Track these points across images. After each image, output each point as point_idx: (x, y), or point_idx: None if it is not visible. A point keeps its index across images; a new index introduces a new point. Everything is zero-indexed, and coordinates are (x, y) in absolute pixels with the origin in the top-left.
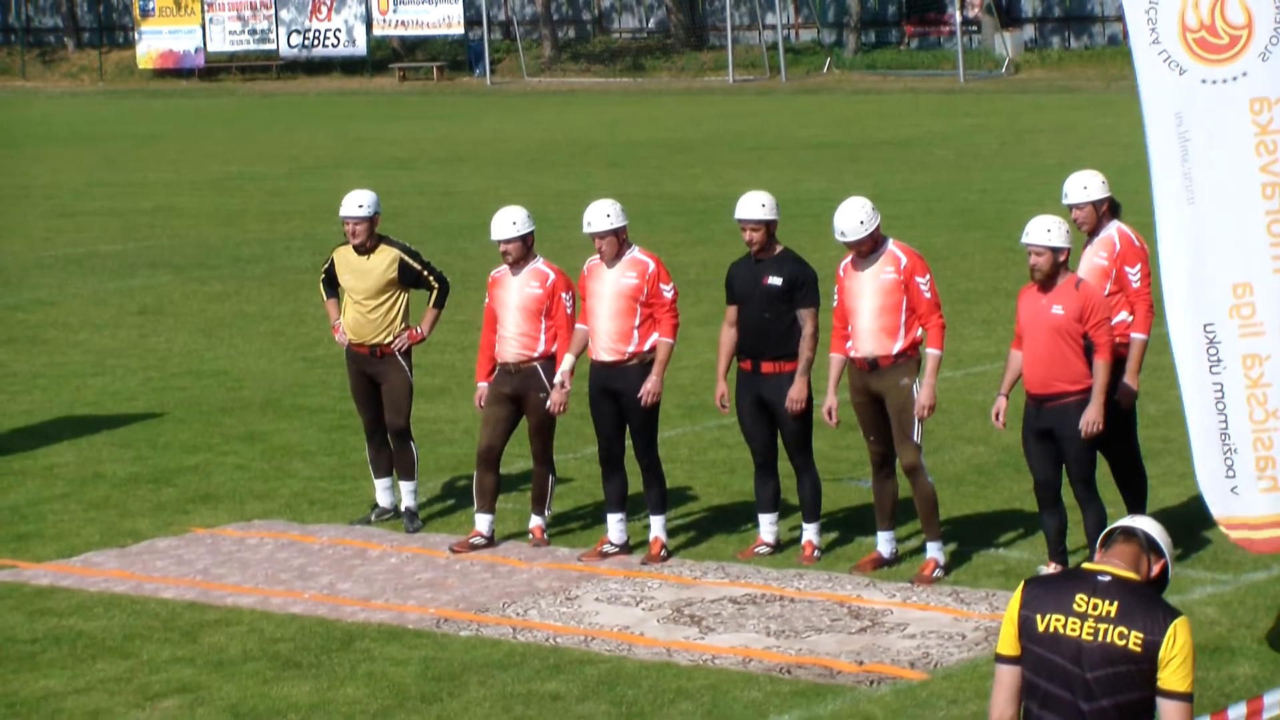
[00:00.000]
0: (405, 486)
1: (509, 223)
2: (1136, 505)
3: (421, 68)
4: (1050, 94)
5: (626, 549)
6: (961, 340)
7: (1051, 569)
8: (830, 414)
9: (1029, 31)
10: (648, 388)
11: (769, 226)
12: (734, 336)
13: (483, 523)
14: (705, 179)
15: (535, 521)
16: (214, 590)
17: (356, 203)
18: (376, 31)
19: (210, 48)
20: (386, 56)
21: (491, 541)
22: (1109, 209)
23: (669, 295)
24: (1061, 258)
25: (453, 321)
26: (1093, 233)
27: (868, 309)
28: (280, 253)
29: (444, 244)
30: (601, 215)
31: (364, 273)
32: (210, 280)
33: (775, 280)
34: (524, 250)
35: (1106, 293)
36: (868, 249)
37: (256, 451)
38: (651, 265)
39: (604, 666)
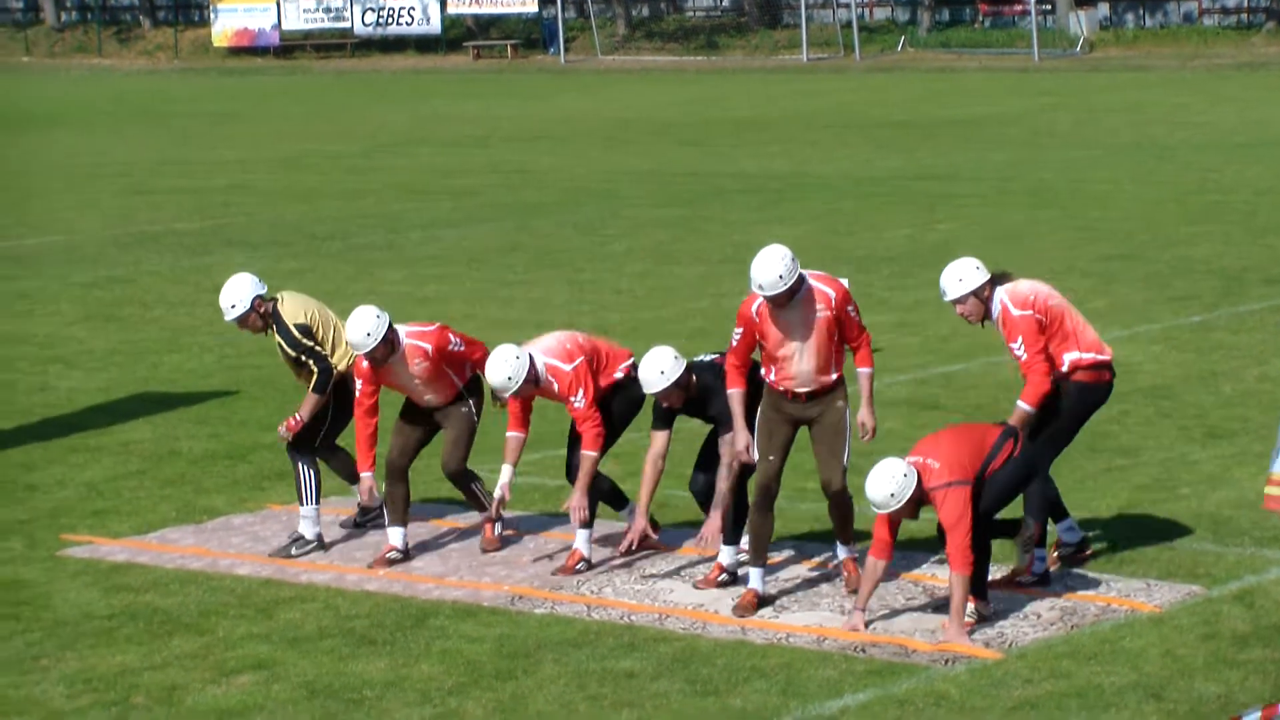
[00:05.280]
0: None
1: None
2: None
3: (496, 46)
4: (1124, 72)
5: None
6: None
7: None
8: (748, 450)
9: (1103, 10)
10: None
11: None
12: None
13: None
14: (780, 158)
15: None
16: (289, 567)
17: (230, 304)
18: (451, 10)
19: (285, 26)
20: (461, 35)
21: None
22: (990, 288)
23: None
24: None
25: (527, 300)
26: (987, 316)
27: (803, 351)
28: (355, 230)
29: (518, 222)
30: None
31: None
32: (285, 258)
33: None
34: (387, 349)
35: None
36: (786, 300)
37: None
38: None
39: (678, 644)
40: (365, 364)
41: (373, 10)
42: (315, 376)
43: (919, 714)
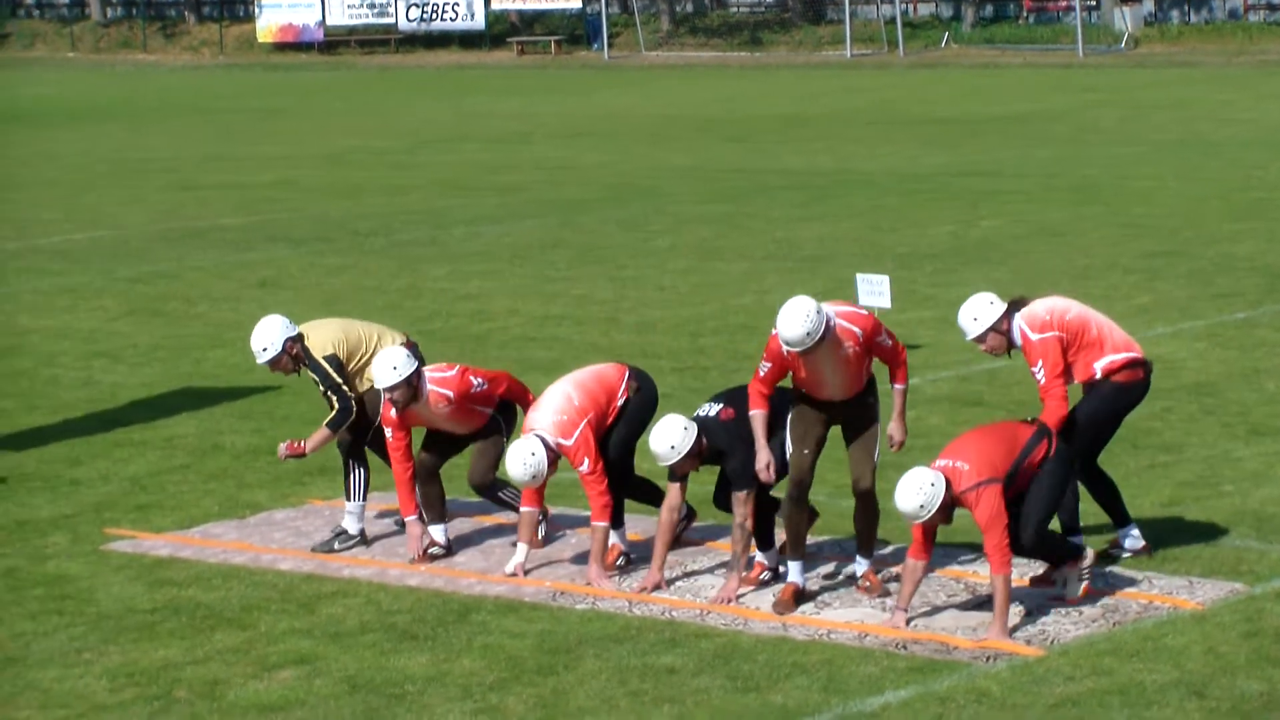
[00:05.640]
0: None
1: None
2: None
3: (539, 42)
4: (1169, 69)
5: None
6: None
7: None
8: (769, 468)
9: (1148, 6)
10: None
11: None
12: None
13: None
14: (823, 154)
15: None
16: (331, 562)
17: (261, 346)
18: (494, 5)
19: (329, 21)
20: (504, 30)
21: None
22: (1008, 319)
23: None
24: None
25: (570, 296)
26: (1011, 347)
27: (834, 380)
28: (398, 226)
29: (561, 218)
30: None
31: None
32: (328, 254)
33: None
34: (410, 392)
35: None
36: (814, 349)
37: None
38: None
39: (720, 640)
40: (392, 412)
41: (417, 6)
42: (332, 413)
43: (960, 711)
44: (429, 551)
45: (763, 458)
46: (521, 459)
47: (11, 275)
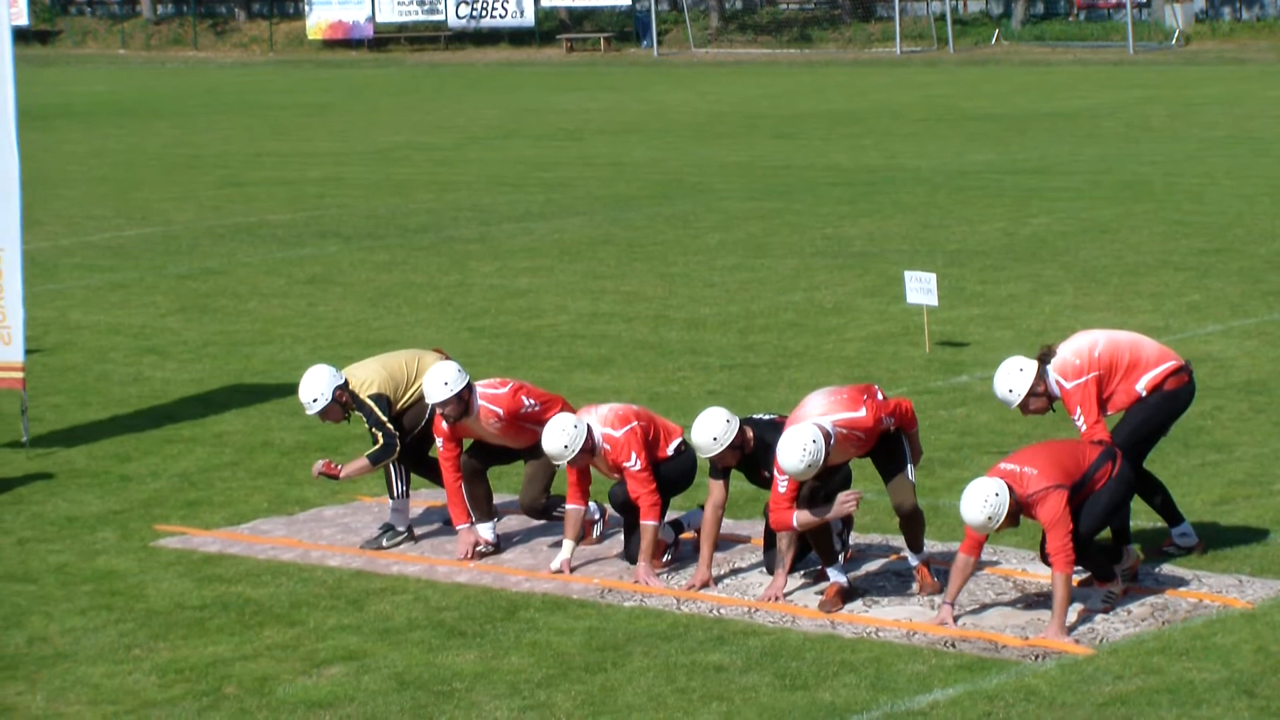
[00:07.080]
0: None
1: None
2: None
3: (589, 39)
4: (1220, 65)
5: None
6: (1129, 314)
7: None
8: (849, 500)
9: (1199, 3)
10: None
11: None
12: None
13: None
14: (872, 150)
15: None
16: (380, 558)
17: (311, 398)
18: (544, 2)
19: (379, 18)
20: (554, 28)
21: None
22: (1042, 379)
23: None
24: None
25: (619, 292)
26: (1052, 401)
27: (853, 459)
28: (448, 223)
29: (610, 214)
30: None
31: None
32: (378, 250)
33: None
34: (461, 407)
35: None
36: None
37: None
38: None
39: (768, 638)
40: (443, 424)
41: (466, 3)
42: (376, 446)
43: (1009, 709)
44: (477, 549)
45: (838, 506)
46: (562, 429)
47: (63, 271)
